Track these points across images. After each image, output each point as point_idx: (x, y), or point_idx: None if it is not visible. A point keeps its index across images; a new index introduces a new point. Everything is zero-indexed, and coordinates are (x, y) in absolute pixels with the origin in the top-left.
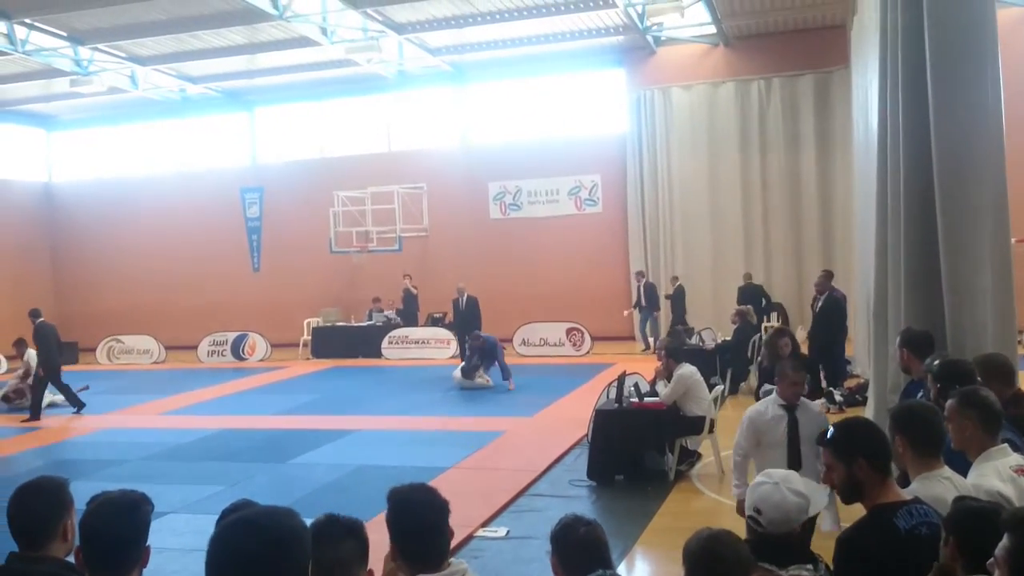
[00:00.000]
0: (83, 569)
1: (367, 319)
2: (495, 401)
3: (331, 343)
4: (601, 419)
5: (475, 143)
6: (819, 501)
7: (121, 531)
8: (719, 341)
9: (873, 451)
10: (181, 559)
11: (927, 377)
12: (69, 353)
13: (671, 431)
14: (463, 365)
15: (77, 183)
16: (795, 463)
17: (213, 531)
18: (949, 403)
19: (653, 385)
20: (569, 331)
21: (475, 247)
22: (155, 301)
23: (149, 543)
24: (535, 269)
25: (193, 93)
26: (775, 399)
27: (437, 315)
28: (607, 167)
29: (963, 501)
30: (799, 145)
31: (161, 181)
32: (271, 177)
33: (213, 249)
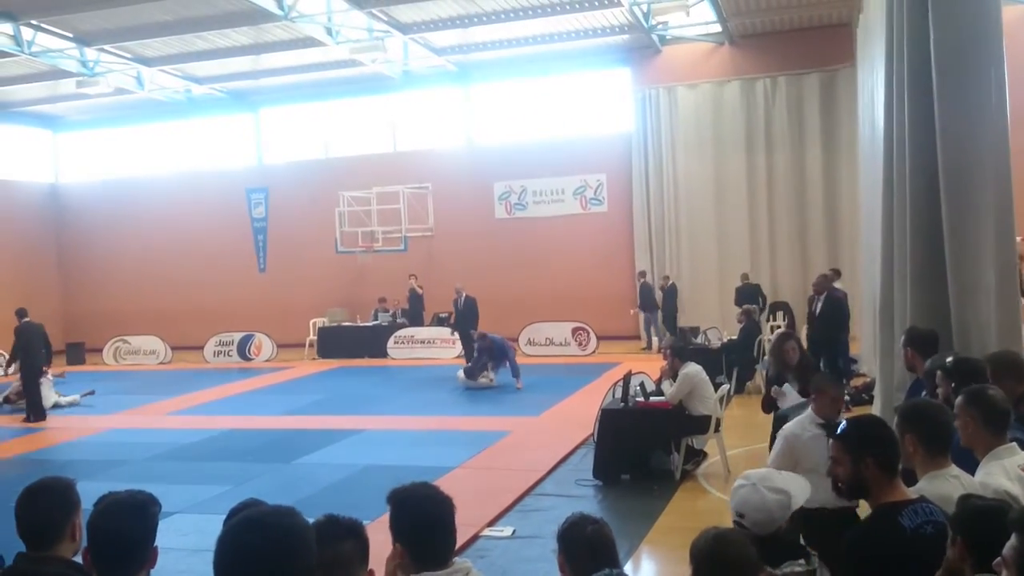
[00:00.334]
0: (91, 570)
1: (373, 319)
2: (501, 401)
3: (337, 343)
4: (607, 418)
5: (480, 143)
6: (800, 494)
7: (129, 532)
8: (725, 340)
9: (882, 451)
10: (187, 559)
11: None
12: (75, 354)
13: (677, 430)
14: (467, 366)
15: (83, 184)
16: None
17: (221, 530)
18: (957, 401)
19: (659, 384)
20: (575, 330)
21: (480, 247)
22: (161, 302)
23: (156, 544)
24: (540, 269)
25: (198, 94)
26: (811, 416)
27: (443, 315)
28: (612, 166)
29: (969, 500)
30: (804, 144)
31: (167, 182)
32: (277, 177)
33: (219, 249)
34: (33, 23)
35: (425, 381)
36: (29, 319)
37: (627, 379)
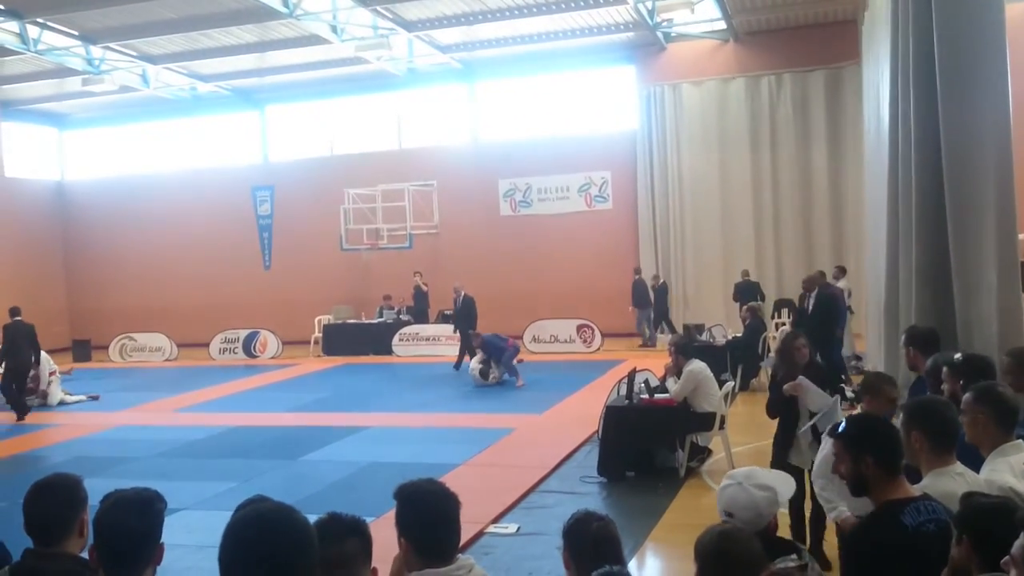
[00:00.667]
0: (97, 566)
1: (378, 316)
2: (505, 398)
3: (342, 340)
4: (612, 415)
5: (485, 140)
6: (785, 491)
7: (135, 528)
8: (730, 337)
9: (882, 450)
10: (193, 555)
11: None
12: (81, 351)
13: (682, 427)
14: (481, 366)
15: (89, 182)
16: None
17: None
18: (965, 397)
19: (663, 381)
20: (580, 328)
21: (486, 244)
22: (167, 299)
23: (163, 540)
24: (546, 266)
25: (204, 91)
26: None
27: (447, 312)
28: (617, 164)
29: (973, 498)
30: (810, 141)
31: (172, 179)
32: (282, 175)
33: (225, 247)
34: (39, 21)
35: (430, 378)
36: (20, 318)
37: (632, 376)
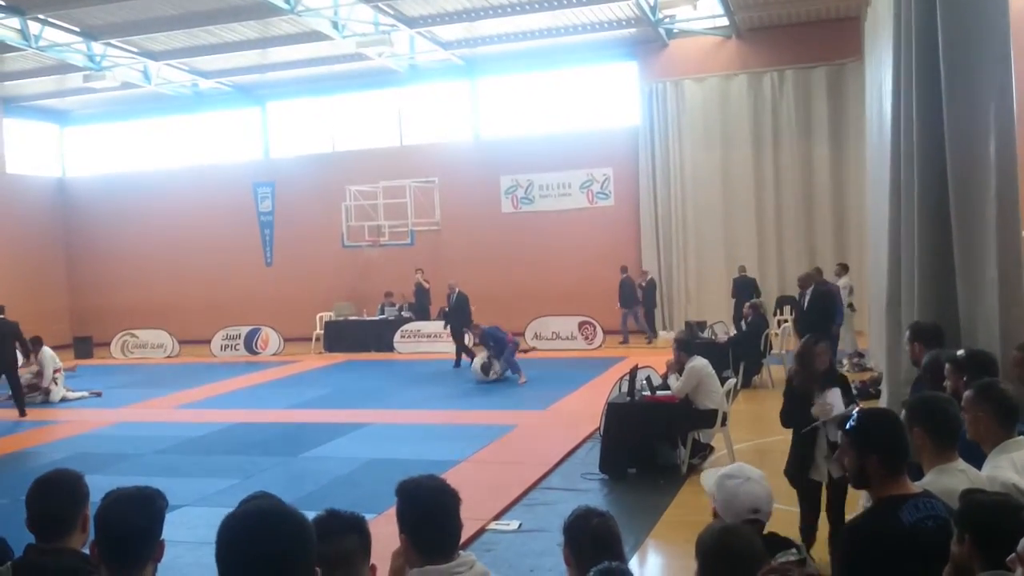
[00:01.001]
0: (98, 562)
1: (379, 313)
2: (507, 395)
3: (343, 337)
4: (613, 412)
5: (487, 137)
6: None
7: (135, 525)
8: (732, 334)
9: (887, 449)
10: (195, 552)
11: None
12: (83, 348)
13: (683, 424)
14: (483, 362)
15: (91, 178)
16: None
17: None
18: (966, 394)
19: (665, 378)
20: (581, 324)
21: (487, 241)
22: (169, 296)
23: (163, 537)
24: (547, 262)
25: (205, 88)
26: None
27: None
28: (619, 160)
29: (973, 495)
30: (812, 138)
31: (174, 176)
32: (283, 172)
33: (226, 244)
34: (40, 17)
35: (431, 375)
36: (4, 317)
37: (633, 373)
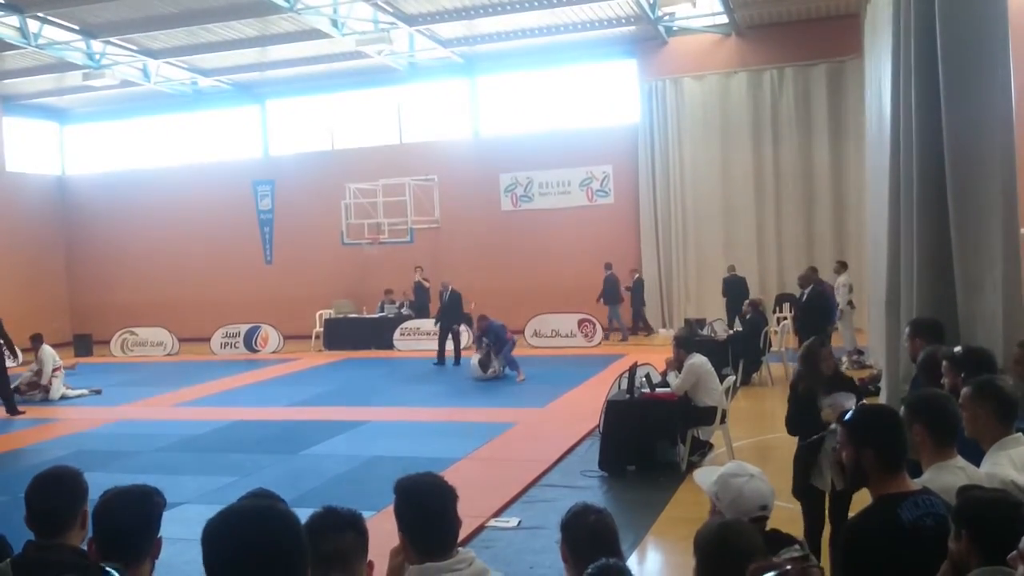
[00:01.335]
0: (96, 558)
1: (379, 311)
2: (506, 392)
3: (343, 335)
4: (613, 410)
5: (486, 135)
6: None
7: (132, 522)
8: (731, 332)
9: (883, 445)
10: (193, 549)
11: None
12: (82, 345)
13: (683, 421)
14: (480, 358)
15: (90, 176)
16: None
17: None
18: (964, 391)
19: (664, 376)
20: (581, 322)
21: (486, 239)
22: (168, 294)
23: (161, 535)
24: (547, 260)
25: (205, 86)
26: None
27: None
28: (619, 158)
29: (969, 492)
30: (812, 135)
31: (173, 174)
32: (283, 170)
33: (226, 242)
34: (39, 15)
35: (431, 373)
36: None
37: (633, 370)
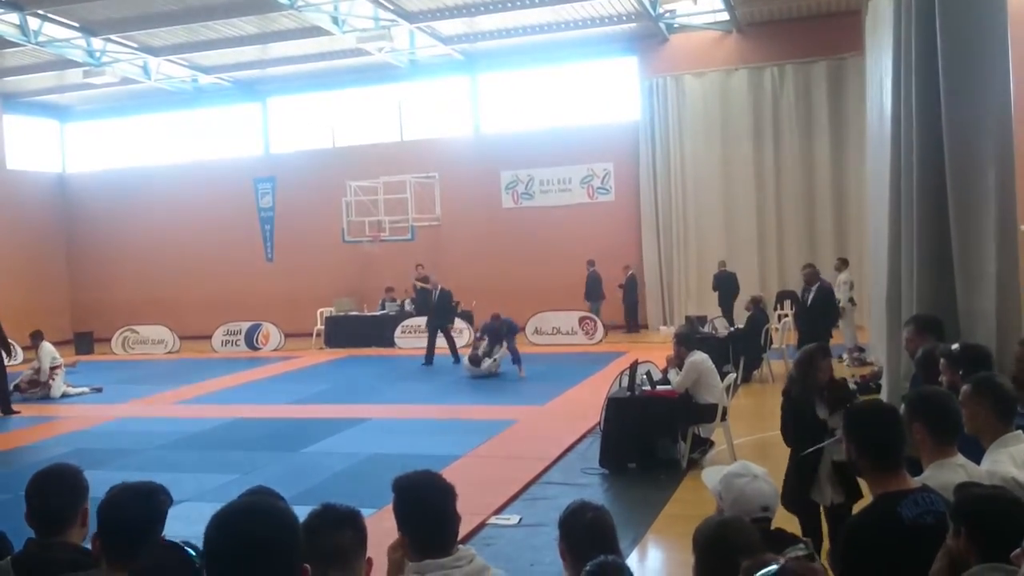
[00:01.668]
0: (99, 556)
1: (380, 309)
2: (507, 389)
3: (344, 332)
4: (613, 407)
5: (487, 132)
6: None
7: (137, 519)
8: (732, 329)
9: (874, 443)
10: None
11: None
12: (83, 343)
13: (683, 419)
14: (472, 354)
15: (91, 174)
16: None
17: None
18: (964, 388)
19: (665, 373)
20: (582, 320)
21: (487, 236)
22: (169, 291)
23: (164, 533)
24: (548, 258)
25: (205, 83)
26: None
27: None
28: (620, 155)
29: (967, 489)
30: (812, 132)
31: (174, 171)
32: (284, 167)
33: (227, 239)
34: (39, 13)
35: (432, 370)
36: None
37: (634, 368)
